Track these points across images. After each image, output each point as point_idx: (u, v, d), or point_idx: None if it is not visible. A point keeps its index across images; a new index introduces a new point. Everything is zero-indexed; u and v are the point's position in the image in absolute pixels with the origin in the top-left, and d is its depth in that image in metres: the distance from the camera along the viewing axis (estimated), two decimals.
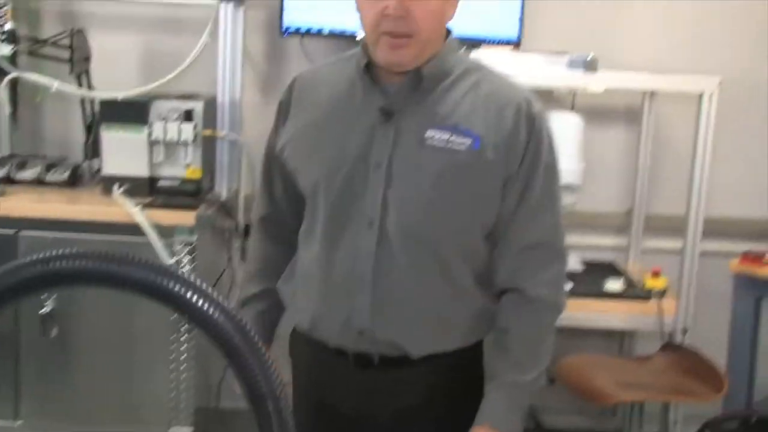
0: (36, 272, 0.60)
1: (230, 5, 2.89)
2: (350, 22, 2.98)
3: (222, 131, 2.94)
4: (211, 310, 0.61)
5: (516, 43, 3.05)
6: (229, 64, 2.93)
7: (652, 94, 3.17)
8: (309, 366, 1.69)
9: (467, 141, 1.51)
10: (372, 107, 1.54)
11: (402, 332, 1.56)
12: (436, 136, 1.51)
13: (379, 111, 1.54)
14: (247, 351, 0.60)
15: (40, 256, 0.61)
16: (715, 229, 3.08)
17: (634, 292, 2.89)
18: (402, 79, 1.54)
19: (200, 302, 0.61)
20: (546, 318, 1.62)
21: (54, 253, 0.60)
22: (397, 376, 1.59)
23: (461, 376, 1.63)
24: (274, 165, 1.71)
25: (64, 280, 0.61)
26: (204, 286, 0.62)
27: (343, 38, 3.03)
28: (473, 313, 1.61)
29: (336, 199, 1.56)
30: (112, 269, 0.62)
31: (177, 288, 0.61)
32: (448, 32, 1.60)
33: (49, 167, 2.98)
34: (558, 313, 1.64)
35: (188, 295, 0.61)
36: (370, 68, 1.55)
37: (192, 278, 0.63)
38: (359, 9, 1.54)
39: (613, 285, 2.89)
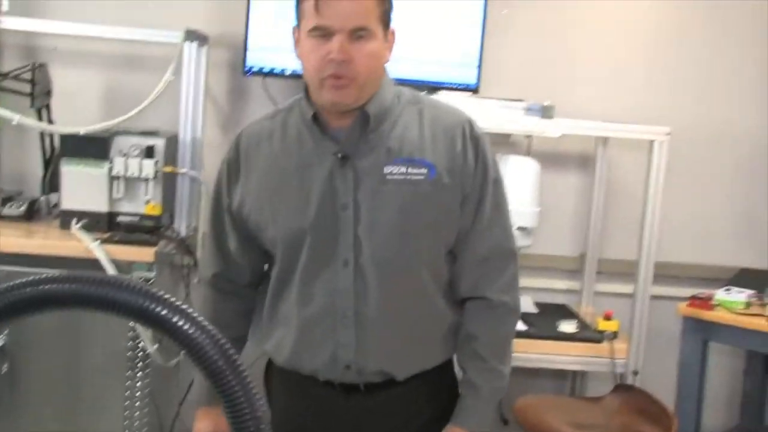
0: (26, 294, 0.62)
1: (194, 44, 2.92)
2: None
3: (182, 168, 2.95)
4: (194, 332, 0.63)
5: (474, 89, 3.12)
6: (191, 102, 2.95)
7: (605, 142, 3.26)
8: (291, 396, 1.73)
9: (424, 171, 1.61)
10: (326, 153, 1.62)
11: (387, 360, 1.66)
12: (393, 171, 1.60)
13: (334, 156, 1.61)
14: (230, 374, 0.62)
15: (30, 279, 0.63)
16: (665, 273, 3.17)
17: (586, 334, 2.94)
18: (349, 122, 1.62)
19: (184, 325, 0.63)
20: (509, 322, 1.75)
21: (45, 275, 0.62)
22: (384, 399, 1.67)
23: (442, 390, 1.73)
24: (226, 222, 1.75)
25: (52, 302, 0.62)
26: (189, 309, 0.65)
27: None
28: (446, 328, 1.71)
29: (310, 245, 1.63)
30: (98, 292, 0.64)
31: (164, 312, 0.63)
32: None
33: (5, 201, 2.96)
34: (518, 315, 1.77)
35: (174, 318, 0.63)
36: (317, 118, 1.63)
37: (177, 301, 0.65)
38: (301, 55, 1.62)
39: (567, 327, 2.94)
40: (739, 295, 3.02)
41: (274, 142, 1.68)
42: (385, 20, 1.60)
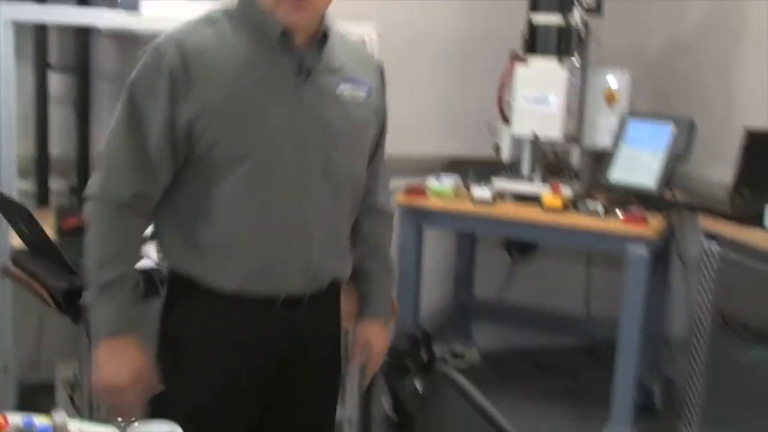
0: None
1: None
2: None
3: None
4: None
5: None
6: None
7: None
8: (225, 323, 1.69)
9: (363, 90, 1.74)
10: (287, 70, 1.64)
11: (342, 265, 1.80)
12: (346, 89, 1.71)
13: (296, 73, 1.64)
14: None
15: None
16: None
17: None
18: (306, 40, 1.66)
19: None
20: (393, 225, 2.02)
21: None
22: (321, 306, 1.76)
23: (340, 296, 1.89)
24: (156, 136, 1.60)
25: None
26: None
27: None
28: None
29: (279, 160, 1.63)
30: None
31: None
32: None
33: None
34: None
35: None
36: (284, 34, 1.62)
37: None
38: None
39: None
40: (447, 182, 3.27)
41: (221, 53, 1.62)
42: None
